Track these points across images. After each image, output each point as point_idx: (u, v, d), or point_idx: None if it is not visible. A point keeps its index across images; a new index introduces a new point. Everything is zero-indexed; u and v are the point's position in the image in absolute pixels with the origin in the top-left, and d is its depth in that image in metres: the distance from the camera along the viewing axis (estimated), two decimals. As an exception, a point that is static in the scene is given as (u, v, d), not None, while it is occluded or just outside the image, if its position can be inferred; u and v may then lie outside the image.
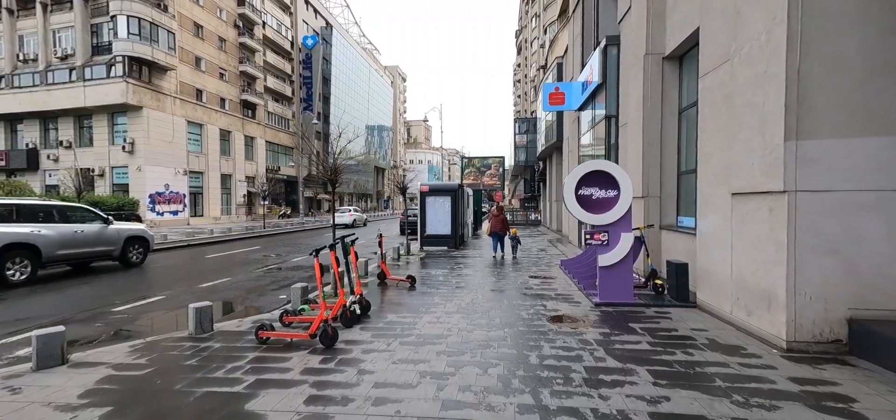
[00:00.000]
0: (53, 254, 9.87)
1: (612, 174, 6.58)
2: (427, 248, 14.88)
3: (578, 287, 7.83)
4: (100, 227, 11.00)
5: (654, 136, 8.62)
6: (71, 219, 10.50)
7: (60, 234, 10.04)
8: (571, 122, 15.49)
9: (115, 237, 11.32)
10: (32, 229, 9.55)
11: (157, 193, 29.52)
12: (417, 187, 15.16)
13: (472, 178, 31.17)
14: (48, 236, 9.77)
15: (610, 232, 6.56)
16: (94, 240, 10.80)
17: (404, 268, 10.59)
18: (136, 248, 11.92)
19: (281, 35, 46.95)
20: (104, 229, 11.09)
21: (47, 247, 9.69)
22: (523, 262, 11.50)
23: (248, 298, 7.94)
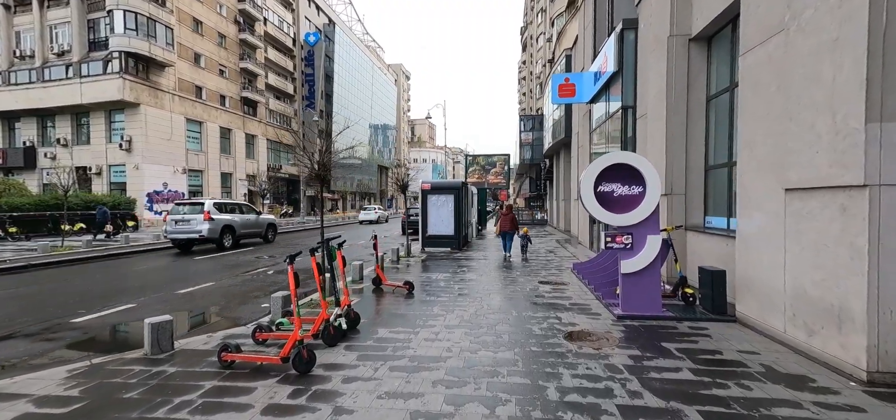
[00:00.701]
0: (239, 232, 16.24)
1: (636, 168, 5.74)
2: (429, 249, 14.09)
3: (596, 295, 6.99)
4: (256, 217, 17.69)
5: (679, 127, 7.76)
6: (246, 212, 17.39)
7: (243, 220, 16.74)
8: (582, 116, 14.63)
9: (262, 223, 17.93)
10: (233, 217, 16.03)
11: (155, 192, 28.95)
12: (419, 185, 14.37)
13: (476, 176, 30.34)
14: (238, 221, 16.39)
15: (634, 234, 5.72)
16: (254, 224, 17.43)
17: (403, 271, 9.81)
18: (272, 231, 18.43)
19: (282, 32, 46.32)
20: (258, 218, 17.81)
21: (239, 227, 16.17)
22: (532, 265, 10.67)
23: (227, 307, 7.17)
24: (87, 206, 22.49)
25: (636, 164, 5.74)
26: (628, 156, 5.82)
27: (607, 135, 11.37)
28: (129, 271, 10.97)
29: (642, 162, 5.75)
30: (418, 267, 10.51)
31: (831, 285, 3.87)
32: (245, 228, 16.59)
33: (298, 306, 4.31)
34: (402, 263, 11.14)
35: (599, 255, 9.33)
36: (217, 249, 15.21)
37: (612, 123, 11.01)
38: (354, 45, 63.78)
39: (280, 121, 46.15)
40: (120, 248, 15.04)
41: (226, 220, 15.39)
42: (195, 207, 15.43)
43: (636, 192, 5.79)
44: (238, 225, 16.02)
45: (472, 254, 12.99)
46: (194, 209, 15.29)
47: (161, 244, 16.25)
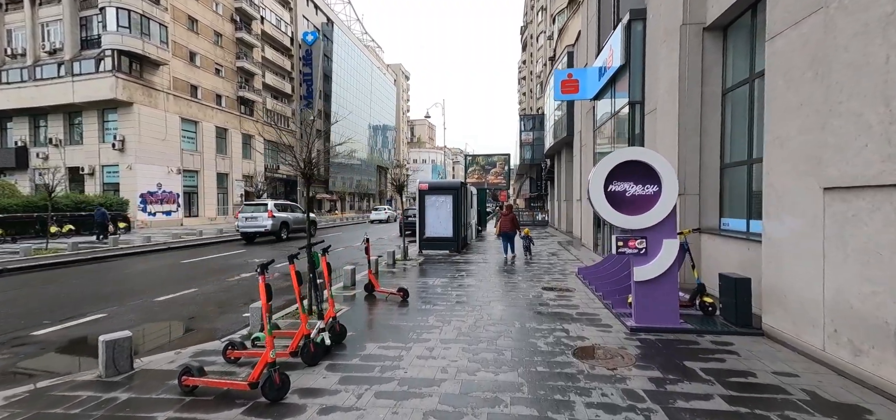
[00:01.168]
0: (292, 226, 19.44)
1: (651, 165, 5.22)
2: (426, 251, 13.57)
3: (605, 304, 6.47)
4: (302, 214, 20.77)
5: (692, 123, 7.25)
6: (295, 211, 20.80)
7: (294, 218, 20.11)
8: (585, 113, 14.12)
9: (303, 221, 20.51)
10: (287, 215, 19.21)
11: (148, 193, 28.41)
12: (416, 185, 13.86)
13: (475, 176, 29.80)
14: (291, 218, 19.76)
15: (648, 238, 5.20)
16: (301, 220, 20.51)
17: (399, 276, 9.28)
18: (313, 226, 21.53)
19: (280, 31, 45.83)
20: (302, 216, 20.81)
21: (292, 223, 19.32)
22: (534, 269, 10.15)
23: (204, 318, 6.65)
24: (77, 206, 21.99)
25: (651, 161, 5.21)
26: (642, 152, 5.30)
27: (613, 132, 10.86)
28: (111, 276, 10.44)
29: (658, 159, 5.23)
30: (415, 271, 9.98)
31: (887, 300, 3.35)
32: (295, 224, 20.08)
33: (270, 323, 3.78)
34: (398, 267, 10.61)
35: (606, 259, 8.81)
36: (276, 240, 18.79)
37: (618, 120, 10.50)
38: (353, 44, 63.30)
39: (278, 121, 45.62)
40: (108, 251, 14.52)
41: (282, 217, 18.77)
42: (260, 207, 18.68)
43: (651, 191, 5.27)
44: (291, 221, 19.40)
45: (471, 257, 12.47)
46: (259, 209, 18.52)
47: (151, 246, 15.73)
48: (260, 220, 17.95)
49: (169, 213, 30.10)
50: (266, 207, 18.30)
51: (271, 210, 18.14)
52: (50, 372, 4.38)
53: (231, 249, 15.91)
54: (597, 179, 5.32)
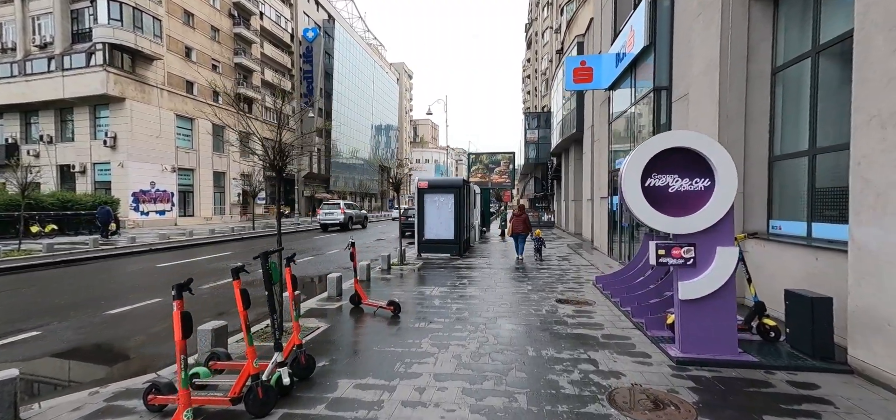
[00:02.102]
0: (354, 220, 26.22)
1: (702, 154, 4.14)
2: (426, 255, 12.52)
3: (634, 323, 5.38)
4: (360, 212, 29.44)
5: (735, 108, 6.16)
6: (354, 209, 28.04)
7: (356, 214, 28.76)
8: (600, 105, 13.01)
9: (361, 216, 29.66)
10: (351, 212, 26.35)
11: (141, 191, 27.51)
12: (415, 183, 12.81)
13: (479, 175, 28.69)
14: (354, 214, 27.84)
15: (698, 244, 4.13)
16: (359, 217, 28.97)
17: (394, 284, 8.23)
18: (365, 221, 30.10)
19: (280, 27, 44.92)
20: (360, 212, 29.23)
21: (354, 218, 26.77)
22: (545, 276, 9.07)
23: (153, 340, 5.61)
24: (63, 205, 21.08)
25: (702, 149, 4.13)
26: (691, 137, 4.21)
27: (632, 124, 9.76)
28: (72, 283, 9.45)
29: (711, 145, 4.14)
30: (412, 278, 8.93)
31: None
32: (356, 218, 27.78)
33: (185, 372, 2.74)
34: (393, 273, 9.56)
35: (628, 267, 7.72)
36: (342, 230, 25.75)
37: (640, 110, 9.40)
38: (355, 42, 62.39)
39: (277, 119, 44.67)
40: (86, 253, 13.56)
41: (349, 213, 24.92)
42: (335, 206, 27.06)
43: (701, 186, 4.19)
44: (354, 216, 24.98)
45: (474, 261, 11.40)
46: (335, 207, 26.85)
47: (133, 248, 14.75)
48: (335, 215, 26.14)
49: (162, 212, 29.19)
50: (339, 206, 26.95)
51: (343, 208, 26.65)
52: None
53: (217, 251, 14.92)
54: (632, 172, 4.25)
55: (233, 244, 17.83)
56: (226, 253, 14.46)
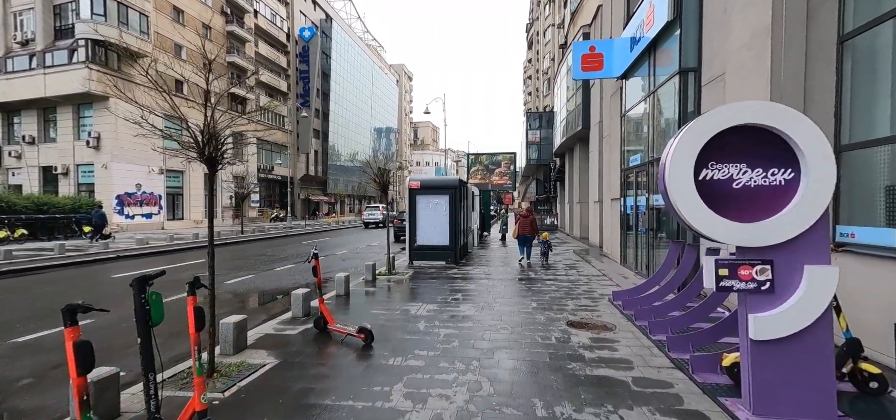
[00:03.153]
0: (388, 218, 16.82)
1: (782, 133, 2.93)
2: (418, 263, 11.32)
3: (673, 361, 4.15)
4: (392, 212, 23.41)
5: (792, 85, 4.96)
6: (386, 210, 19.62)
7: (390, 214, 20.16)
8: (610, 97, 11.80)
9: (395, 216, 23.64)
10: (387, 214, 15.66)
11: (126, 194, 26.37)
12: (406, 183, 11.62)
13: (479, 177, 27.49)
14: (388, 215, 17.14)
15: (777, 261, 2.92)
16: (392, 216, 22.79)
17: (377, 298, 7.02)
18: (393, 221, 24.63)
19: (275, 25, 43.89)
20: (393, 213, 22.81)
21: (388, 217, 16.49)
22: (551, 287, 7.85)
23: (44, 385, 4.41)
24: (39, 208, 19.92)
25: (784, 126, 2.92)
26: (768, 110, 3.00)
27: (651, 115, 8.55)
28: (3, 297, 8.27)
29: (797, 122, 2.92)
30: (398, 292, 7.72)
31: None
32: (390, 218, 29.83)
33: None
34: (379, 284, 8.35)
35: (652, 279, 6.50)
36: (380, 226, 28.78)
37: (661, 98, 8.19)
38: (353, 42, 61.38)
39: (272, 119, 43.66)
40: (51, 260, 12.40)
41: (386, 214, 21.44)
42: (376, 208, 31.52)
43: (780, 179, 2.98)
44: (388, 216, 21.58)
45: (471, 270, 10.19)
46: (376, 209, 31.57)
47: (100, 255, 13.57)
48: (375, 215, 31.09)
49: (149, 215, 28.04)
50: (379, 208, 31.75)
51: (382, 209, 29.51)
52: None
53: (189, 260, 13.73)
54: (681, 160, 3.03)
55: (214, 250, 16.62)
56: (198, 259, 13.25)
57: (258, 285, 9.10)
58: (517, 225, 11.33)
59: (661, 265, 6.39)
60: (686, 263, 5.81)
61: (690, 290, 5.25)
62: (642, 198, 8.93)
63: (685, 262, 5.83)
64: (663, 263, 6.37)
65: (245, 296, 8.18)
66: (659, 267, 7.77)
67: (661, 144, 8.03)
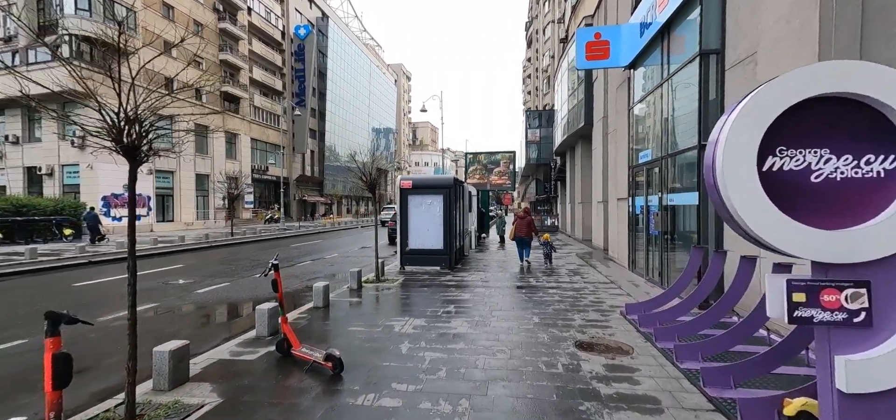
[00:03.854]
0: None
1: (879, 105, 2.12)
2: (410, 268, 10.52)
3: (711, 397, 3.33)
4: None
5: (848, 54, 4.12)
6: None
7: None
8: (616, 89, 10.99)
9: None
10: None
11: (112, 195, 25.55)
12: (397, 183, 10.80)
13: (477, 176, 26.69)
14: None
15: (876, 283, 2.10)
16: None
17: (360, 311, 6.21)
18: None
19: (270, 23, 43.08)
20: None
21: None
22: (554, 297, 7.04)
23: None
24: (17, 210, 19.07)
25: (886, 96, 2.10)
26: (863, 71, 2.18)
27: (664, 106, 7.73)
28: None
29: (906, 86, 2.11)
30: (385, 303, 6.91)
31: None
32: None
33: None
34: (365, 294, 7.54)
35: (671, 289, 5.69)
36: None
37: (675, 87, 7.38)
38: (350, 41, 60.59)
39: (267, 119, 42.86)
40: (20, 265, 11.57)
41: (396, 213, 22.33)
42: (392, 207, 26.01)
43: (879, 170, 2.16)
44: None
45: (467, 276, 9.37)
46: (392, 208, 25.87)
47: (70, 260, 12.74)
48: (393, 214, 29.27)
49: (137, 217, 27.16)
50: (393, 208, 28.77)
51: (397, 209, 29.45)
52: None
53: (165, 265, 12.90)
54: (739, 143, 2.21)
55: (191, 255, 15.82)
56: (175, 266, 12.42)
57: (230, 295, 8.28)
58: (514, 226, 11.02)
59: (681, 275, 5.58)
60: (712, 273, 5.01)
61: (722, 306, 4.44)
62: (654, 197, 8.13)
63: (711, 272, 5.02)
64: (683, 272, 5.56)
65: (211, 308, 7.35)
66: (677, 276, 6.97)
67: (676, 139, 7.23)
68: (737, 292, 4.37)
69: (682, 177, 7.08)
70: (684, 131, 6.93)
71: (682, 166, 7.05)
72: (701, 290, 5.04)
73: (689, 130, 6.72)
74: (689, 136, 6.72)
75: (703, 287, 5.05)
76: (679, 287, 5.56)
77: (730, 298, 4.39)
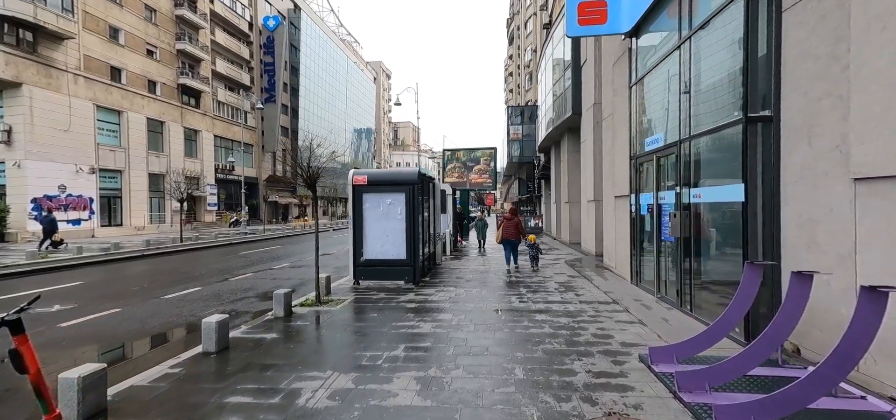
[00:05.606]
0: None
1: None
2: (366, 282, 8.55)
3: None
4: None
5: None
6: None
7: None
8: (613, 65, 9.21)
9: None
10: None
11: (46, 197, 22.67)
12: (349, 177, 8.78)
13: (456, 175, 24.89)
14: None
15: None
16: None
17: (272, 355, 4.21)
18: None
19: (235, 13, 40.31)
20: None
21: None
22: (545, 328, 5.17)
23: None
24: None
25: None
26: None
27: (682, 74, 5.95)
28: None
29: None
30: (314, 341, 4.93)
31: None
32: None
33: None
34: (291, 325, 5.54)
35: (715, 326, 3.88)
36: None
37: (700, 47, 5.60)
38: (326, 36, 58.00)
39: (234, 115, 40.07)
40: None
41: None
42: None
43: None
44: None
45: (435, 294, 7.45)
46: None
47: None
48: None
49: (77, 221, 24.33)
50: None
51: None
52: None
53: (66, 281, 10.57)
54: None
55: (107, 268, 13.44)
56: (73, 283, 10.10)
57: (107, 329, 6.15)
58: (500, 228, 10.39)
59: (731, 304, 3.79)
60: (792, 305, 3.22)
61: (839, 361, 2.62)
62: (667, 193, 6.38)
63: (790, 304, 3.23)
64: (734, 300, 3.77)
65: (60, 351, 5.22)
66: (705, 297, 5.17)
67: (702, 115, 5.47)
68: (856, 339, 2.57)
69: (714, 165, 5.33)
70: (716, 104, 5.17)
71: (714, 150, 5.30)
72: (777, 329, 3.24)
73: (724, 101, 4.97)
74: (724, 110, 4.97)
75: (781, 325, 3.25)
76: (729, 322, 3.77)
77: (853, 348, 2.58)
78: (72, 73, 24.16)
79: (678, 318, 5.60)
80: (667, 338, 4.78)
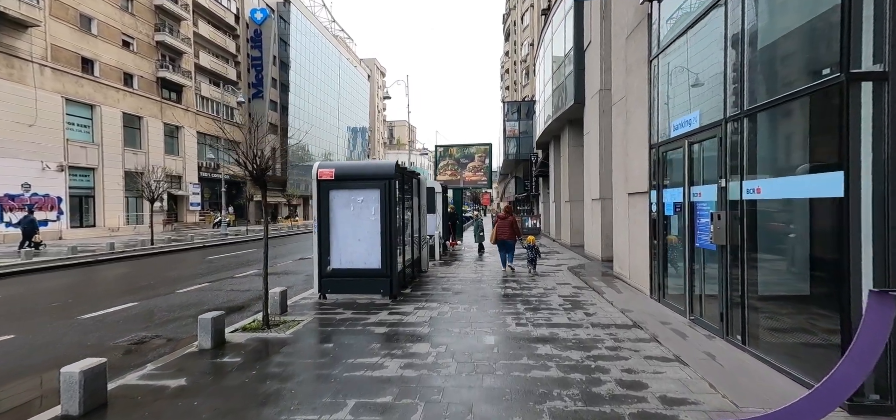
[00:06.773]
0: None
1: None
2: (334, 296, 7.14)
3: None
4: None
5: None
6: None
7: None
8: (627, 36, 7.81)
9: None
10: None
11: (7, 196, 21.11)
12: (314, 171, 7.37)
13: (448, 173, 23.52)
14: None
15: None
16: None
17: (202, 393, 2.81)
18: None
19: (220, 5, 38.70)
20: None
21: None
22: (550, 366, 3.80)
23: None
24: None
25: None
26: None
27: (730, 32, 4.57)
28: None
29: None
30: (234, 393, 3.51)
31: None
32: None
33: None
34: (217, 361, 4.14)
35: (820, 388, 2.48)
36: None
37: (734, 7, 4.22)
38: (317, 31, 56.39)
39: (219, 111, 38.46)
40: None
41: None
42: None
43: None
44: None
45: (414, 314, 6.05)
46: None
47: None
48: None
49: (44, 222, 22.66)
50: None
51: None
52: None
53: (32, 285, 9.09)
54: None
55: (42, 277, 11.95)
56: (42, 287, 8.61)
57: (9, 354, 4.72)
58: (495, 228, 10.06)
59: (850, 351, 2.41)
60: None
61: None
62: (706, 187, 5.01)
63: None
64: (854, 346, 2.39)
65: None
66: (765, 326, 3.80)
67: (765, 80, 4.10)
68: None
69: (784, 148, 3.96)
70: (788, 65, 3.81)
71: (785, 128, 3.93)
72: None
73: (801, 60, 3.60)
74: (801, 70, 3.60)
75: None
76: (848, 378, 2.40)
77: None
78: (38, 64, 22.56)
79: (728, 352, 4.24)
80: (725, 391, 3.40)
